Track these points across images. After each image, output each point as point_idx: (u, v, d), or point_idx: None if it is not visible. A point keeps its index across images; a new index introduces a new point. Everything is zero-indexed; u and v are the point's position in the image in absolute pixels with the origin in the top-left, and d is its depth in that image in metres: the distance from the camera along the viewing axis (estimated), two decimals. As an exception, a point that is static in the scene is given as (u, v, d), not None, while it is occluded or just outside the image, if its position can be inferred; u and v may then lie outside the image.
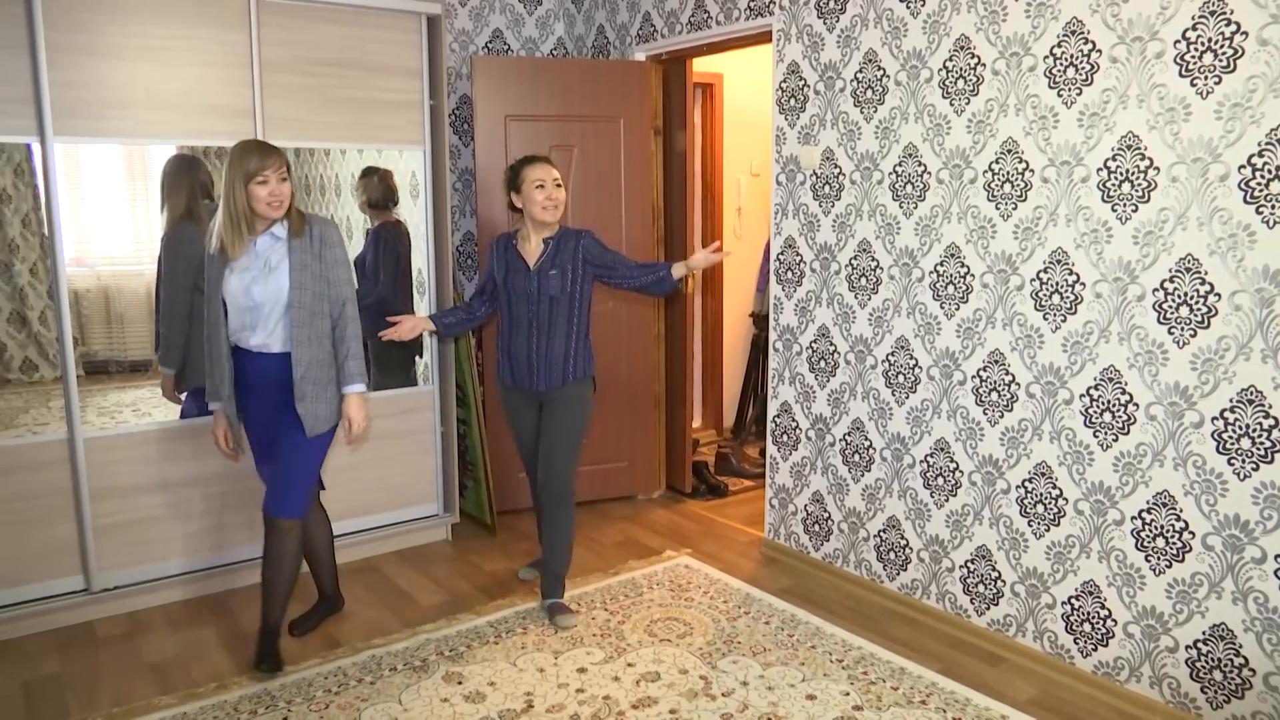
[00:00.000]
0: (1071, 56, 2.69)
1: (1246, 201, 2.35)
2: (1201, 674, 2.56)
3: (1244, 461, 2.42)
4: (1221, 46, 2.37)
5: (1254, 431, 2.39)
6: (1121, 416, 2.67)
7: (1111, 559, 2.73)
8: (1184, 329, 2.50)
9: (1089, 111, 2.66)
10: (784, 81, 3.64)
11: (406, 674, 2.88)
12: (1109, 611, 2.75)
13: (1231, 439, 2.44)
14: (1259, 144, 2.32)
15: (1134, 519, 2.67)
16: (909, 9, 3.12)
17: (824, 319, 3.57)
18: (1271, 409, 2.35)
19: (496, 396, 3.52)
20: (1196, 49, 2.41)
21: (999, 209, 2.93)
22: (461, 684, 2.81)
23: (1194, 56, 2.42)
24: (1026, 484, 2.94)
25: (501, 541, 4.05)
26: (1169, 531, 2.59)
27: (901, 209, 3.23)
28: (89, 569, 3.26)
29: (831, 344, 3.55)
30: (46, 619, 3.20)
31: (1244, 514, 2.43)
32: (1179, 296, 2.51)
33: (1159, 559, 2.62)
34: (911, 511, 3.31)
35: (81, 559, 3.26)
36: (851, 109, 3.37)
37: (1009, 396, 2.96)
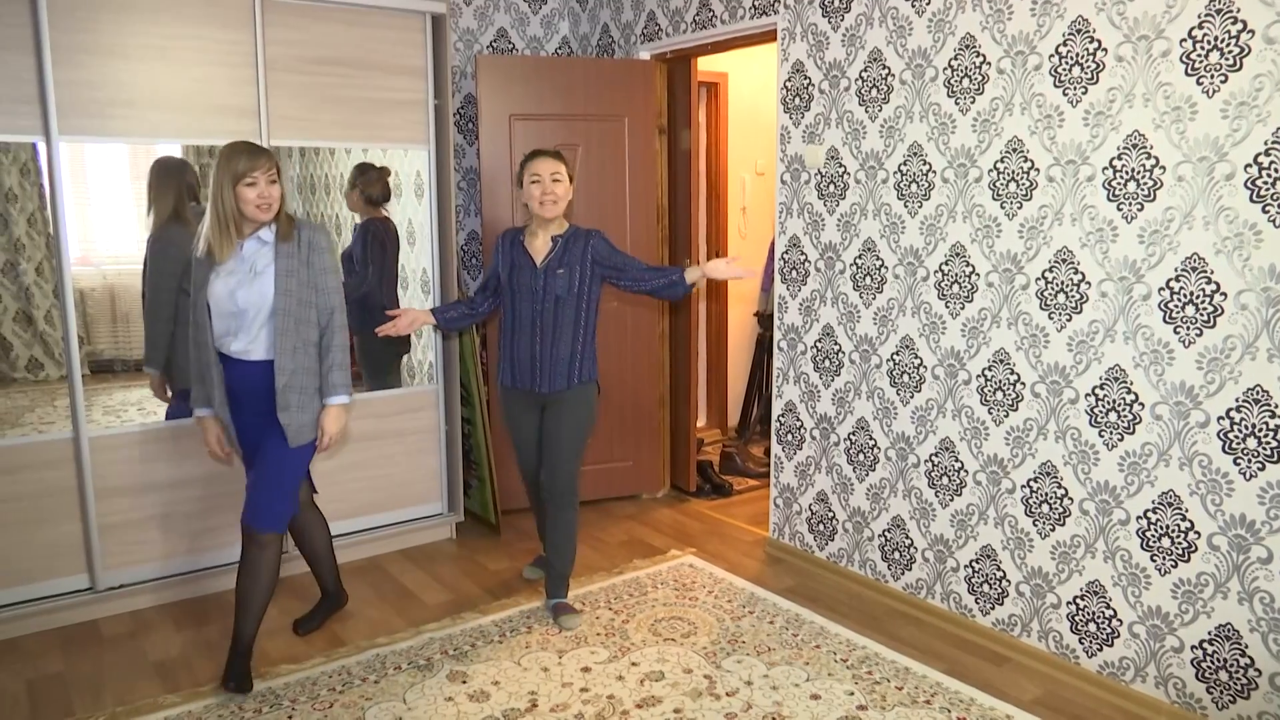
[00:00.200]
0: (1077, 55, 2.68)
1: (1253, 200, 2.35)
2: (1207, 674, 2.55)
3: (1250, 461, 2.41)
4: (1228, 45, 2.36)
5: (1260, 431, 2.38)
6: (1127, 416, 2.66)
7: (1117, 559, 2.73)
8: (1190, 328, 2.50)
9: (1094, 110, 2.66)
10: (789, 80, 3.63)
11: (411, 673, 2.88)
12: (1114, 611, 2.75)
13: (1237, 438, 2.43)
14: (1265, 143, 2.31)
15: (1139, 519, 2.66)
16: (914, 7, 3.11)
17: (829, 318, 3.57)
18: (1278, 409, 2.35)
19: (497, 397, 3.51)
20: (1203, 47, 2.41)
21: (1004, 208, 2.92)
22: (466, 683, 2.82)
23: (1200, 55, 2.41)
24: (1031, 483, 2.93)
25: (506, 541, 4.05)
26: (1174, 531, 2.58)
27: (906, 208, 3.22)
28: (94, 568, 3.27)
29: (836, 343, 3.55)
30: (51, 617, 3.21)
31: (1250, 514, 2.42)
32: (1185, 296, 2.50)
33: (1164, 559, 2.61)
34: (916, 511, 3.31)
35: (86, 558, 3.27)
36: (856, 108, 3.36)
37: (1014, 396, 2.95)
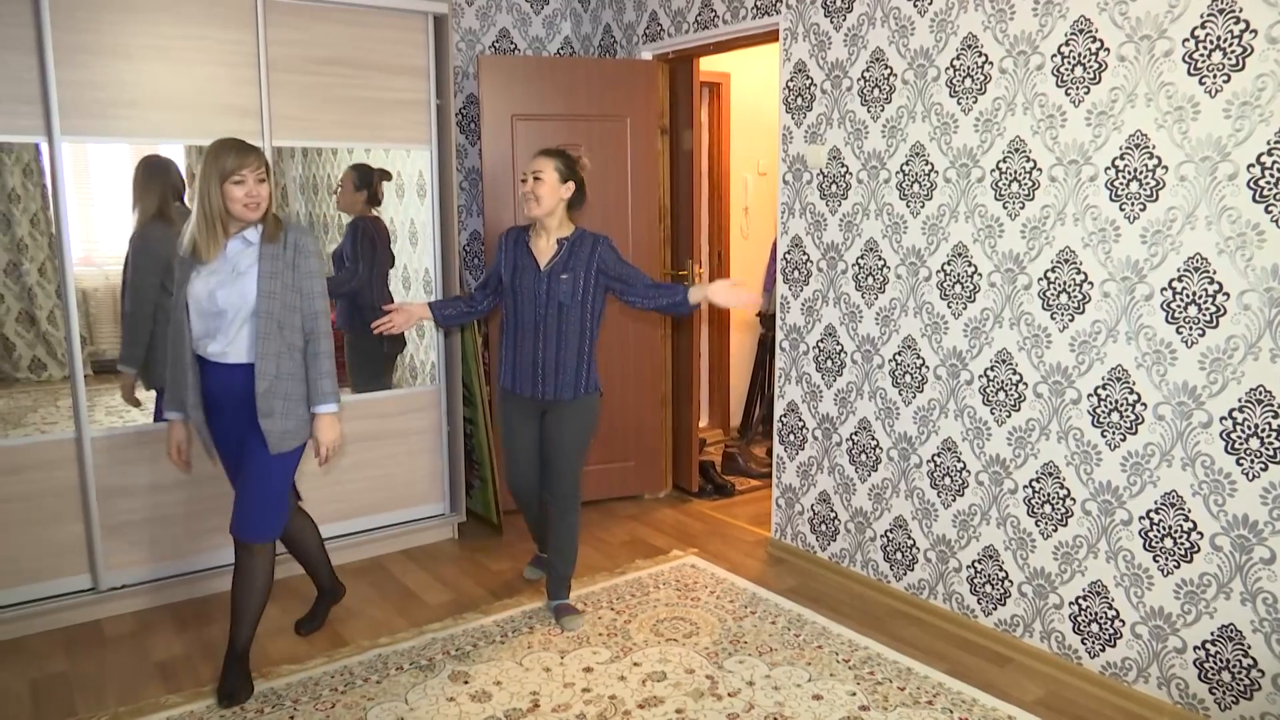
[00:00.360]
0: (1079, 55, 2.68)
1: (1255, 200, 2.34)
2: (1210, 675, 2.55)
3: (1253, 461, 2.41)
4: (1230, 45, 2.35)
5: (1263, 431, 2.38)
6: (1129, 416, 2.66)
7: (1119, 559, 2.72)
8: (1192, 328, 2.49)
9: (1097, 110, 2.65)
10: (791, 80, 3.63)
11: (413, 673, 2.88)
12: (1116, 612, 2.74)
13: (1240, 439, 2.42)
14: (1268, 142, 2.31)
15: (1142, 519, 2.66)
16: (916, 7, 3.11)
17: (831, 318, 3.57)
18: (1281, 409, 2.35)
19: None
20: (1205, 47, 2.40)
21: (1006, 208, 2.92)
22: (468, 683, 2.82)
23: (1203, 55, 2.41)
24: (1034, 484, 2.93)
25: (508, 541, 4.05)
26: (1177, 532, 2.58)
27: (909, 208, 3.22)
28: (96, 568, 3.27)
29: (838, 343, 3.54)
30: (54, 617, 3.21)
31: (1253, 514, 2.42)
32: (1187, 296, 2.49)
33: (1167, 559, 2.61)
34: (918, 511, 3.30)
35: (89, 558, 3.27)
36: (858, 108, 3.36)
37: (1016, 396, 2.95)
